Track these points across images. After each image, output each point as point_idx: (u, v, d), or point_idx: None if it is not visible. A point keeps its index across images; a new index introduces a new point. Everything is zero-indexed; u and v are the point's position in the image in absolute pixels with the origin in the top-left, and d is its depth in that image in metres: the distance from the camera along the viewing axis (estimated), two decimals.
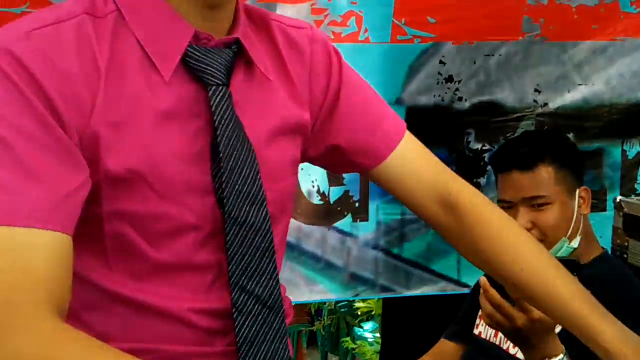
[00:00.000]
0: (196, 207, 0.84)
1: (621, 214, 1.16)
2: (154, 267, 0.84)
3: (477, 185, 2.41)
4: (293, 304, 1.06)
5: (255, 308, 0.86)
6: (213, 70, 0.83)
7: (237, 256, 0.84)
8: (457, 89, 2.32)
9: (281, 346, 0.88)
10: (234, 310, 0.84)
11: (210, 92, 0.83)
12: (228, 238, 0.84)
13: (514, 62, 2.33)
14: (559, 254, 1.56)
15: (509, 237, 1.01)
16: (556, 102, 2.40)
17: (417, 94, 2.29)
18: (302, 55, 0.98)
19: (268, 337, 0.87)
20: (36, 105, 0.73)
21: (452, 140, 2.39)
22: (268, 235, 0.87)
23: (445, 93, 2.32)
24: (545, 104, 2.40)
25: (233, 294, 0.84)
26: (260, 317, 0.86)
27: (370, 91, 1.09)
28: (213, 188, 0.84)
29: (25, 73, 0.73)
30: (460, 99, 2.34)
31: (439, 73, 2.28)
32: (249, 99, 0.89)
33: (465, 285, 2.39)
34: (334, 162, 1.08)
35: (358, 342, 4.12)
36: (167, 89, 0.82)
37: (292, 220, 2.16)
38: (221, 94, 0.83)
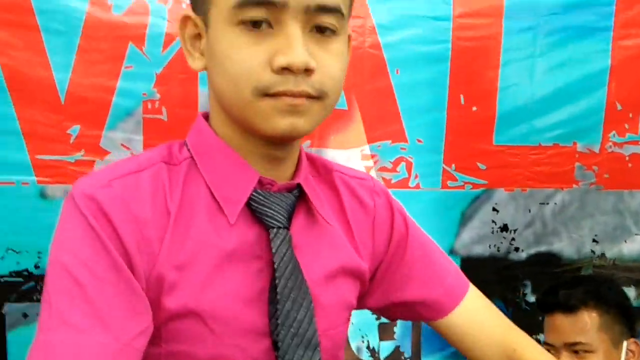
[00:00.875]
0: (251, 349, 0.84)
1: None
2: None
3: (538, 342, 2.23)
4: None
5: None
6: (274, 213, 0.86)
7: None
8: (513, 239, 2.22)
9: None
10: None
11: (272, 234, 0.85)
12: None
13: (570, 211, 2.25)
14: None
15: None
16: (613, 252, 2.29)
17: (471, 243, 2.20)
18: (365, 208, 1.00)
19: None
20: (110, 249, 0.76)
21: (508, 292, 2.27)
22: None
23: (502, 243, 2.22)
24: (602, 255, 2.28)
25: None
26: None
27: (433, 245, 1.09)
28: (269, 330, 0.84)
29: (104, 218, 0.77)
30: (517, 249, 2.23)
31: (493, 221, 2.20)
32: (308, 242, 0.90)
33: None
34: (397, 313, 1.08)
35: None
36: (232, 230, 0.84)
37: None
38: (282, 236, 0.85)
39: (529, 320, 2.24)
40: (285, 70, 0.77)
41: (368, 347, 2.06)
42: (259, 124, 0.81)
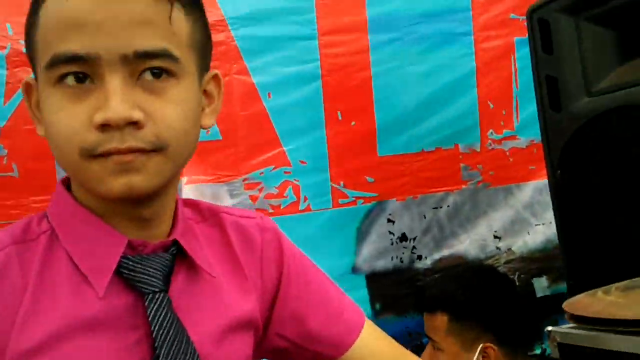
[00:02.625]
0: None
1: (555, 344, 1.05)
2: None
3: None
4: None
5: None
6: (148, 278, 0.79)
7: None
8: (414, 247, 2.21)
9: None
10: None
11: (147, 300, 0.79)
12: None
13: (464, 212, 2.27)
14: None
15: None
16: (518, 245, 2.31)
17: (372, 258, 2.17)
18: (253, 245, 0.95)
19: None
20: None
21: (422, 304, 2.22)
22: None
23: (403, 253, 2.21)
24: (509, 249, 2.29)
25: None
26: None
27: (326, 280, 1.04)
28: None
29: None
30: (420, 257, 2.22)
31: (391, 232, 2.19)
32: (192, 302, 0.85)
33: None
34: (296, 355, 1.01)
35: None
36: (102, 303, 0.78)
37: None
38: (159, 301, 0.79)
39: None
40: (107, 126, 0.72)
41: None
42: (94, 187, 0.76)
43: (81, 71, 0.73)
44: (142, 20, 0.73)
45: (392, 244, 2.19)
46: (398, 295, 2.19)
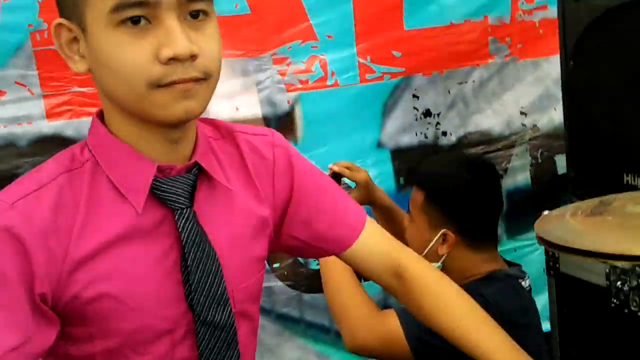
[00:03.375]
0: (170, 314, 0.96)
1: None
2: None
3: None
4: None
5: None
6: (176, 196, 0.95)
7: (206, 351, 0.99)
8: (438, 123, 2.22)
9: None
10: None
11: (177, 215, 0.95)
12: (199, 337, 0.98)
13: (490, 87, 2.25)
14: None
15: (446, 299, 1.20)
16: (544, 122, 2.31)
17: (397, 134, 2.18)
18: (265, 160, 1.09)
19: None
20: (4, 271, 0.85)
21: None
22: (232, 330, 1.01)
23: (427, 129, 2.21)
24: (534, 126, 2.29)
25: None
26: None
27: (333, 186, 1.22)
28: (184, 296, 0.96)
29: (11, 239, 0.85)
30: (444, 133, 2.23)
31: (415, 108, 2.19)
32: (213, 213, 1.00)
33: None
34: (305, 251, 1.21)
35: None
36: (140, 217, 0.93)
37: (292, 290, 2.00)
38: (186, 215, 0.95)
39: None
40: (172, 60, 0.84)
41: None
42: (156, 113, 0.88)
43: (143, 14, 0.83)
44: None
45: (416, 119, 2.20)
46: None
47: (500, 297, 1.52)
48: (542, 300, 1.86)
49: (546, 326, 1.80)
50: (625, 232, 1.02)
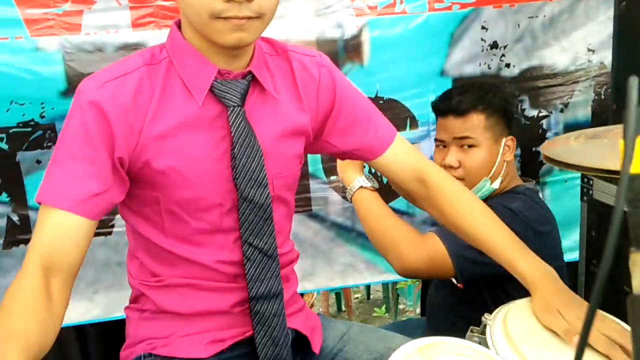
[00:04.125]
0: (220, 191, 1.21)
1: None
2: (194, 232, 1.24)
3: (537, 153, 2.32)
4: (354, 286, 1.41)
5: (259, 257, 1.25)
6: (231, 96, 1.18)
7: (246, 223, 1.23)
8: (503, 55, 2.25)
9: (276, 281, 1.27)
10: (244, 259, 1.25)
11: (229, 111, 1.19)
12: (241, 210, 1.22)
13: (560, 22, 2.25)
14: (480, 193, 1.81)
15: (462, 202, 1.39)
16: (610, 60, 2.28)
17: (461, 63, 2.23)
18: (312, 77, 1.31)
19: (267, 275, 1.26)
20: (91, 137, 1.11)
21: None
22: (268, 209, 1.24)
23: (492, 60, 2.25)
24: (601, 63, 2.29)
25: (244, 247, 1.24)
26: (261, 263, 1.25)
27: (368, 105, 1.42)
28: (232, 177, 1.20)
29: (98, 111, 1.11)
30: (507, 65, 2.26)
31: (482, 39, 2.22)
32: (259, 113, 1.23)
33: None
34: (345, 155, 1.45)
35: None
36: (201, 110, 1.18)
37: (345, 202, 2.14)
38: (236, 112, 1.19)
39: (529, 134, 2.33)
40: (232, 1, 1.06)
41: (370, 172, 2.16)
42: (215, 37, 1.11)
43: None
44: None
45: (482, 50, 2.23)
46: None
47: (525, 209, 1.72)
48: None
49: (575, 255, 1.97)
50: (606, 150, 1.16)
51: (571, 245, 2.21)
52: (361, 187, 1.80)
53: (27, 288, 1.03)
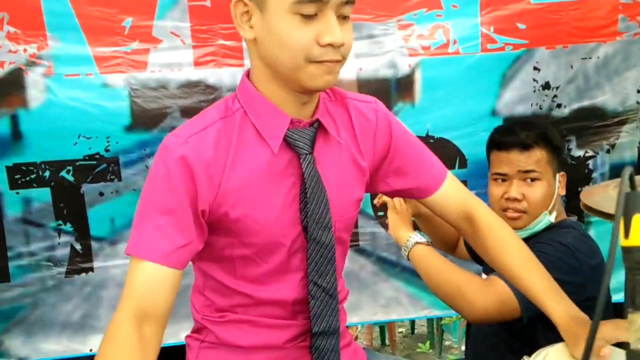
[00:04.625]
0: (289, 233, 1.27)
1: None
2: (263, 273, 1.29)
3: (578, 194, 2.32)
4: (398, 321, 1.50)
5: (322, 295, 1.31)
6: (302, 144, 1.24)
7: (312, 263, 1.29)
8: (555, 96, 2.27)
9: (335, 319, 1.34)
10: (310, 297, 1.31)
11: (302, 159, 1.24)
12: (309, 252, 1.28)
13: (613, 64, 2.27)
14: (539, 226, 1.84)
15: (505, 241, 1.44)
16: None
17: (513, 103, 2.26)
18: (369, 122, 1.36)
19: (328, 313, 1.32)
20: (176, 190, 1.16)
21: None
22: (332, 250, 1.30)
23: (543, 101, 2.27)
24: None
25: (309, 286, 1.30)
26: (324, 301, 1.32)
27: (422, 146, 1.47)
28: (301, 221, 1.27)
29: (184, 165, 1.16)
30: (559, 105, 2.28)
31: (535, 80, 2.25)
32: (325, 159, 1.29)
33: None
34: (399, 194, 1.51)
35: None
36: (276, 158, 1.23)
37: (391, 238, 2.18)
38: (308, 159, 1.25)
39: (575, 173, 2.33)
40: (329, 45, 1.13)
41: None
42: (305, 81, 1.16)
43: (316, 11, 1.12)
44: None
45: (534, 91, 2.26)
46: None
47: (578, 244, 1.75)
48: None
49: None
50: None
51: (616, 286, 2.20)
52: (417, 242, 1.82)
53: (124, 336, 1.10)
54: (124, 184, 2.07)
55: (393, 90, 2.15)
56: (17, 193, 2.03)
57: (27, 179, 2.02)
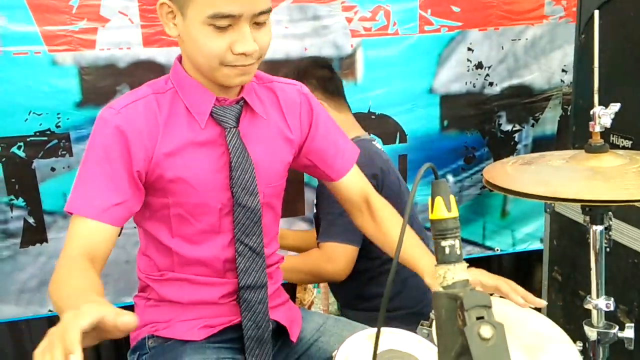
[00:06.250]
0: (220, 197, 1.40)
1: None
2: (196, 232, 1.43)
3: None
4: None
5: (249, 253, 1.44)
6: (227, 119, 1.38)
7: (239, 224, 1.42)
8: (487, 75, 2.42)
9: (262, 274, 1.47)
10: (237, 254, 1.44)
11: (227, 132, 1.37)
12: (235, 214, 1.41)
13: (540, 45, 2.43)
14: None
15: (391, 222, 1.58)
16: None
17: (448, 82, 2.40)
18: (294, 102, 1.50)
19: (255, 268, 1.46)
20: (109, 154, 1.28)
21: (485, 123, 2.51)
22: (258, 213, 1.43)
23: (477, 79, 2.42)
24: (571, 83, 2.47)
25: (237, 245, 1.44)
26: (250, 258, 1.45)
27: (338, 130, 1.60)
28: (230, 186, 1.39)
29: (117, 133, 1.29)
30: (491, 84, 2.44)
31: (469, 60, 2.39)
32: (251, 132, 1.42)
33: (489, 248, 2.66)
34: (313, 171, 1.60)
35: None
36: (203, 131, 1.36)
37: None
38: (232, 133, 1.38)
39: (504, 147, 2.53)
40: (241, 54, 1.25)
41: None
42: (222, 80, 1.31)
43: (229, 23, 1.22)
44: None
45: (468, 70, 2.40)
46: (464, 115, 2.47)
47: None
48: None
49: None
50: (531, 176, 1.39)
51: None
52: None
53: (76, 261, 1.22)
54: (75, 160, 2.11)
55: (336, 69, 2.24)
56: None
57: None
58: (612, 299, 1.44)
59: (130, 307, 1.58)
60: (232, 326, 1.48)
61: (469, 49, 2.38)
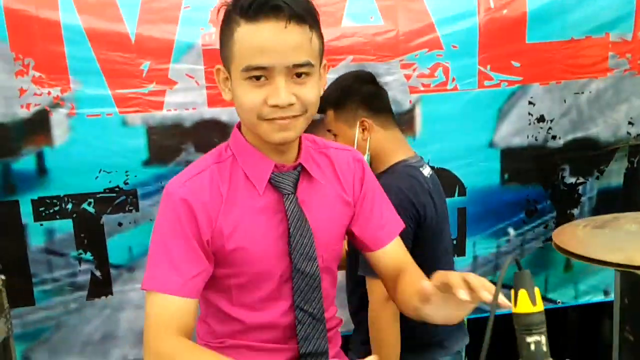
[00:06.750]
0: (279, 265, 1.40)
1: None
2: (257, 300, 1.42)
3: (572, 216, 2.47)
4: None
5: (309, 320, 1.44)
6: (286, 185, 1.38)
7: (298, 290, 1.42)
8: (550, 128, 2.39)
9: (323, 341, 1.46)
10: (297, 322, 1.44)
11: (285, 199, 1.38)
12: (294, 280, 1.41)
13: (605, 98, 2.39)
14: None
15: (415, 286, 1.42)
16: None
17: (509, 135, 2.39)
18: (349, 167, 1.51)
19: (315, 336, 1.45)
20: (183, 226, 1.30)
21: (547, 176, 2.48)
22: (317, 279, 1.42)
23: (539, 132, 2.40)
24: (638, 135, 2.43)
25: (297, 313, 1.43)
26: (311, 325, 1.44)
27: (385, 198, 1.58)
28: (288, 253, 1.39)
29: (185, 205, 1.31)
30: (554, 137, 2.41)
31: (530, 114, 2.37)
32: (309, 198, 1.42)
33: (550, 301, 2.58)
34: (355, 239, 1.56)
35: None
36: (261, 198, 1.37)
37: None
38: (291, 199, 1.38)
39: (567, 199, 2.50)
40: (275, 106, 1.25)
41: None
42: (264, 136, 1.30)
43: (262, 74, 1.24)
44: (296, 45, 1.23)
45: (529, 124, 2.38)
46: (526, 168, 2.44)
47: (399, 181, 1.84)
48: None
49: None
50: (605, 240, 1.34)
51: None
52: None
53: (176, 338, 1.27)
54: (141, 215, 2.20)
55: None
56: (41, 224, 2.16)
57: (51, 211, 2.16)
58: None
59: None
60: None
61: (530, 103, 2.36)
